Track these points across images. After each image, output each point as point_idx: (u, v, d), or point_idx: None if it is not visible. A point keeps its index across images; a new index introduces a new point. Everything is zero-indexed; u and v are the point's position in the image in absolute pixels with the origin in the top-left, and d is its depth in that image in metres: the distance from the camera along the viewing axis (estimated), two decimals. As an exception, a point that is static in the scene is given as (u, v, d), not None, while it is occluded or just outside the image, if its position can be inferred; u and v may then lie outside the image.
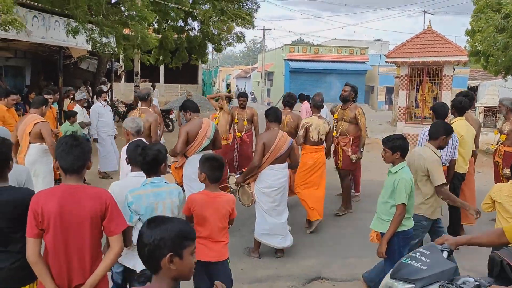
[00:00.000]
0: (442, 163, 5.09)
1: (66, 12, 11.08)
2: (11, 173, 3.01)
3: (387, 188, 3.94)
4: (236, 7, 16.69)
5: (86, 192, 2.54)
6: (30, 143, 5.50)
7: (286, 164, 5.34)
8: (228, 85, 35.83)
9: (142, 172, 3.32)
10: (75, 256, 2.51)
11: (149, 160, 3.13)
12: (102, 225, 2.56)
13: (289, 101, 7.17)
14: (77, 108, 8.78)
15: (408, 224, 3.94)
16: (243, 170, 6.32)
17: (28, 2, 9.96)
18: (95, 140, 8.73)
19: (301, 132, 6.29)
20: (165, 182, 3.20)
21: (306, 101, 11.51)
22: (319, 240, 5.95)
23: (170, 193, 3.16)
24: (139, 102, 6.64)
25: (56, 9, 11.16)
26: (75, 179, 2.55)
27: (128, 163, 3.47)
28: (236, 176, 5.63)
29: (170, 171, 5.66)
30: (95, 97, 13.70)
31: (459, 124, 5.51)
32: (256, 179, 5.26)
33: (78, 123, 8.39)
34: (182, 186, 5.61)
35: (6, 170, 2.68)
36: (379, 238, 4.02)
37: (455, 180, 5.51)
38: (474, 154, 5.90)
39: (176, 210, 3.18)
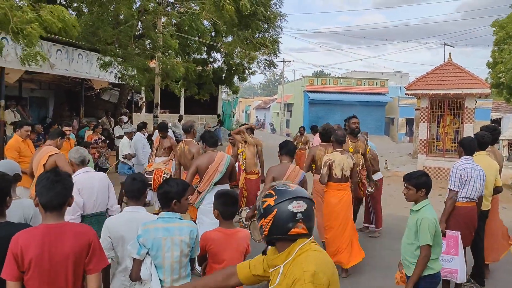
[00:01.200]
0: (470, 198, 4.91)
1: (97, 46, 11.43)
2: (17, 207, 2.98)
3: (410, 228, 3.74)
4: (260, 36, 16.84)
5: (68, 231, 2.45)
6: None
7: None
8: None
9: (138, 207, 3.25)
10: None
11: (160, 193, 3.05)
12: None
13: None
14: (125, 140, 9.06)
15: (436, 267, 3.67)
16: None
17: (53, 36, 10.26)
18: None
19: (324, 170, 5.81)
20: (179, 218, 3.08)
21: (318, 133, 11.44)
22: (346, 278, 5.69)
23: (180, 230, 3.02)
24: (184, 134, 6.74)
25: (84, 44, 11.51)
26: (55, 216, 2.45)
27: (125, 196, 3.38)
28: (247, 211, 5.50)
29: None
30: (116, 127, 13.90)
31: (480, 159, 5.32)
32: None
33: (125, 154, 8.71)
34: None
35: (3, 206, 2.62)
36: (404, 280, 3.79)
37: (480, 221, 5.27)
38: (499, 190, 5.66)
39: (186, 248, 3.04)
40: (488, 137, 5.54)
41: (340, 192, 5.84)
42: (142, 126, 9.74)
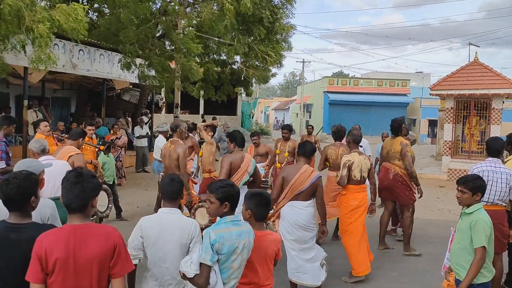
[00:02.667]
0: (490, 202, 4.69)
1: (119, 47, 11.47)
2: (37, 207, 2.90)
3: (463, 232, 3.58)
4: (266, 43, 16.62)
5: (93, 232, 2.38)
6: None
7: (310, 202, 4.88)
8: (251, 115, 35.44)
9: (173, 209, 3.14)
10: None
11: (232, 196, 3.00)
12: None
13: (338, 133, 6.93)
14: (161, 138, 9.08)
15: (489, 275, 3.54)
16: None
17: (86, 39, 10.32)
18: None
19: (344, 172, 5.65)
20: (241, 220, 3.05)
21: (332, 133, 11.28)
22: (359, 283, 5.53)
23: (248, 233, 2.97)
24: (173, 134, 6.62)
25: (106, 44, 11.57)
26: (79, 218, 2.39)
27: (162, 198, 3.28)
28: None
29: (205, 205, 5.48)
30: (136, 127, 13.92)
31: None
32: (279, 217, 4.97)
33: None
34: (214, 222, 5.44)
35: (28, 206, 2.55)
36: (453, 286, 3.62)
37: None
38: None
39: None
40: None
41: (360, 194, 5.72)
42: (193, 128, 9.65)
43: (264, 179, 8.06)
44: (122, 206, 8.20)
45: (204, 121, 18.57)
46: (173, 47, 12.99)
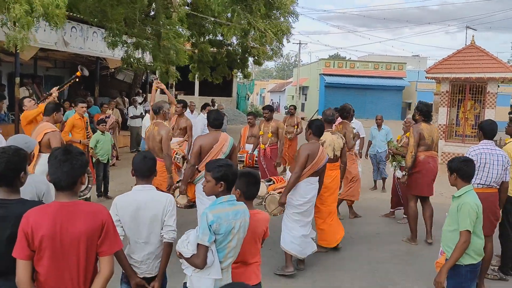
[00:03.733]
0: (486, 185, 4.71)
1: (105, 24, 11.23)
2: (30, 184, 2.87)
3: (451, 215, 3.62)
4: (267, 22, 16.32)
5: (81, 210, 2.35)
6: (40, 152, 5.30)
7: (318, 177, 5.23)
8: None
9: (147, 185, 3.11)
10: (68, 281, 2.32)
11: (230, 177, 2.98)
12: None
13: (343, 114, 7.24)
14: (147, 116, 8.97)
15: (478, 257, 3.57)
16: (271, 178, 6.12)
17: (72, 14, 10.11)
18: None
19: None
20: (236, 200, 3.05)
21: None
22: (354, 265, 5.57)
23: (244, 212, 2.98)
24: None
25: (94, 20, 11.33)
26: (67, 195, 2.36)
27: (133, 175, 3.21)
28: (266, 184, 5.40)
29: (180, 184, 5.47)
30: (130, 107, 13.82)
31: (512, 146, 5.09)
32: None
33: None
34: (194, 202, 5.45)
35: (17, 181, 2.52)
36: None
37: (508, 205, 5.06)
38: None
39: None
40: None
41: (333, 171, 5.91)
42: (203, 107, 9.59)
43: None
44: (116, 186, 8.19)
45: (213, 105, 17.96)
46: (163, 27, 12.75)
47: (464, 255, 3.48)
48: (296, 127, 10.42)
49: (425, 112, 6.38)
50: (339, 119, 7.29)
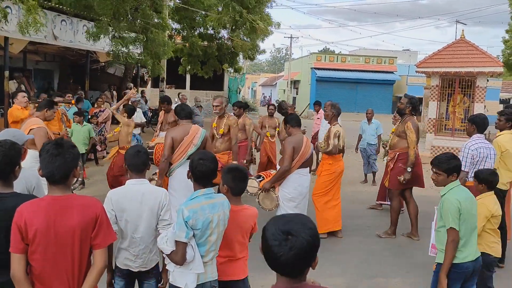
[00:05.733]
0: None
1: (92, 16, 11.12)
2: (20, 178, 2.88)
3: (438, 213, 3.55)
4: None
5: (74, 203, 2.36)
6: (26, 148, 5.28)
7: (308, 168, 5.33)
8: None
9: (141, 179, 3.11)
10: (63, 274, 2.33)
11: (202, 172, 2.96)
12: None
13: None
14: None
15: (461, 256, 3.39)
16: (260, 174, 6.18)
17: (56, 6, 10.02)
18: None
19: (336, 141, 6.08)
20: (214, 193, 3.02)
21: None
22: (345, 258, 5.64)
23: (222, 205, 2.98)
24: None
25: (81, 13, 11.21)
26: (60, 189, 2.37)
27: (127, 170, 3.20)
28: (257, 180, 5.43)
29: (156, 178, 5.50)
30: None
31: (505, 139, 5.17)
32: (281, 184, 5.13)
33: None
34: None
35: (11, 175, 2.53)
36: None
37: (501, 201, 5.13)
38: None
39: (226, 222, 3.00)
40: None
41: (342, 161, 6.28)
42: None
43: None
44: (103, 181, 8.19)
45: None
46: (156, 21, 12.66)
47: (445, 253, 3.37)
48: (278, 128, 9.13)
49: (416, 105, 6.42)
50: (321, 112, 7.49)
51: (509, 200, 5.59)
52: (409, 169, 6.09)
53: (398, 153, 6.27)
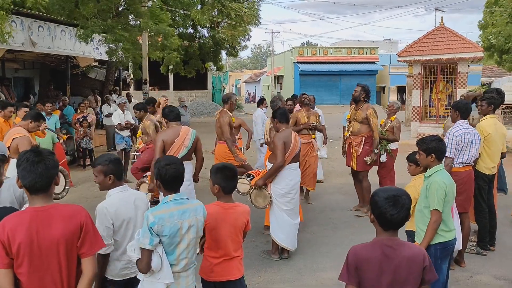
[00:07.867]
0: (466, 163, 4.83)
1: (75, 21, 10.97)
2: (7, 188, 2.84)
3: (421, 194, 3.65)
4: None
5: (57, 213, 2.29)
6: (9, 157, 5.22)
7: (298, 163, 5.33)
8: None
9: (124, 186, 3.05)
10: (51, 285, 2.28)
11: (172, 176, 2.82)
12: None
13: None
14: (117, 111, 9.82)
15: (448, 235, 3.56)
16: (250, 172, 6.11)
17: (33, 12, 9.83)
18: (261, 144, 8.46)
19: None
20: (187, 199, 2.91)
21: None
22: (338, 251, 5.62)
23: (195, 211, 2.85)
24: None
25: (63, 19, 11.05)
26: (42, 198, 2.30)
27: (109, 180, 3.04)
28: (248, 179, 5.40)
29: (147, 181, 5.42)
30: (104, 105, 13.57)
31: (488, 123, 5.20)
32: (273, 180, 5.13)
33: (117, 125, 9.29)
34: (158, 198, 5.42)
35: None
36: None
37: (480, 181, 5.19)
38: (503, 156, 5.54)
39: (201, 228, 2.89)
40: (497, 99, 5.36)
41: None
42: (260, 102, 9.34)
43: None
44: (93, 185, 8.05)
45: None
46: (138, 21, 12.56)
47: None
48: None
49: (369, 92, 7.05)
50: (298, 107, 7.53)
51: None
52: (376, 151, 6.88)
53: (364, 137, 6.86)
